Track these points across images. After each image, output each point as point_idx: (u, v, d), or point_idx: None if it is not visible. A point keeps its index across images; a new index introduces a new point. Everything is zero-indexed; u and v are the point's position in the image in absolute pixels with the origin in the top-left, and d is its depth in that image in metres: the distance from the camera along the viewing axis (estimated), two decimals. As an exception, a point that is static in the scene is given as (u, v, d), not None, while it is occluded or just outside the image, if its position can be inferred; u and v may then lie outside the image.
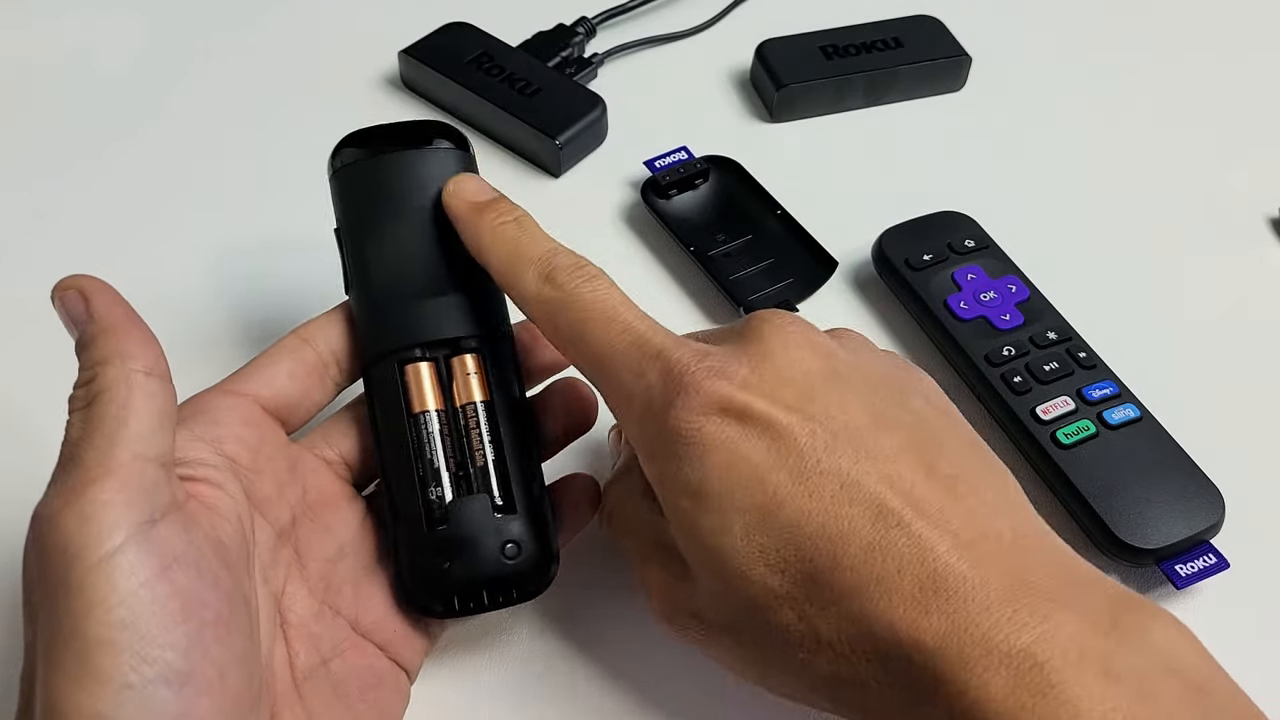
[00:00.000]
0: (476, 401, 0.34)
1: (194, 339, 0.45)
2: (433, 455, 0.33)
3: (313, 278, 0.48)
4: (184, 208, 0.51)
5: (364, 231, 0.35)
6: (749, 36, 0.57)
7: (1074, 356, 0.43)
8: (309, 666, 0.31)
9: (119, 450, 0.26)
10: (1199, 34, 0.62)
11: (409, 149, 0.36)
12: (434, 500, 0.33)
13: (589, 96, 0.54)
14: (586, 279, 0.31)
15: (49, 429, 0.28)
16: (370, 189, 0.35)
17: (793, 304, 0.47)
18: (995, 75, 0.59)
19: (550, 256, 0.32)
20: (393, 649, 0.33)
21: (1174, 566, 0.38)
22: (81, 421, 0.27)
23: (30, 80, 0.57)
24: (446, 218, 0.35)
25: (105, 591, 0.24)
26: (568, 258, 0.32)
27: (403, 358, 0.34)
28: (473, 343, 0.34)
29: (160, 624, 0.25)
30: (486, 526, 0.32)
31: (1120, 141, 0.56)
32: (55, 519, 0.25)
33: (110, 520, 0.25)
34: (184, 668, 0.25)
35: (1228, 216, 0.52)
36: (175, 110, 0.55)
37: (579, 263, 0.32)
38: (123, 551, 0.25)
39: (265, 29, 0.60)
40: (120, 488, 0.25)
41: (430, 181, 0.35)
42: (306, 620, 0.32)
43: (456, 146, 0.37)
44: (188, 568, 0.26)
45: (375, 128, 0.37)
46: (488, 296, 0.35)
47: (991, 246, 0.47)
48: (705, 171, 0.51)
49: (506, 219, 0.33)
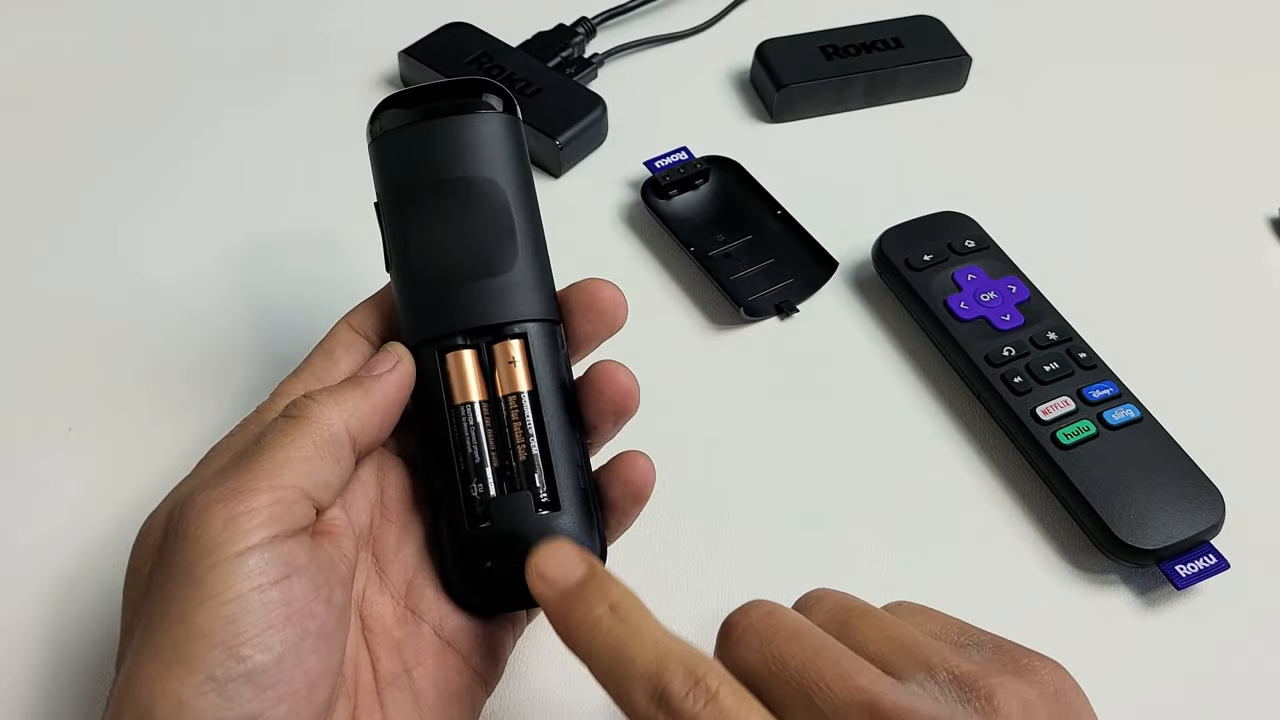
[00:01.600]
0: (521, 392, 0.32)
1: (193, 339, 0.46)
2: (474, 449, 0.32)
3: (314, 277, 0.48)
4: (183, 208, 0.51)
5: (404, 206, 0.33)
6: (749, 36, 0.57)
7: (1074, 357, 0.43)
8: (391, 674, 0.31)
9: (287, 475, 0.28)
10: (1199, 33, 0.62)
11: (454, 114, 0.33)
12: (475, 497, 0.32)
13: (589, 96, 0.54)
14: (705, 702, 0.25)
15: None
16: (411, 159, 0.33)
17: (793, 304, 0.47)
18: (995, 75, 0.59)
19: (658, 672, 0.25)
20: (474, 658, 0.32)
21: (1174, 567, 0.38)
22: (274, 431, 0.29)
23: (30, 80, 0.57)
24: (493, 191, 0.33)
25: (222, 588, 0.26)
26: (679, 672, 0.25)
27: (443, 345, 0.32)
28: (516, 328, 0.33)
29: (260, 626, 0.26)
30: (529, 525, 0.31)
31: (1120, 141, 0.56)
32: (206, 510, 0.27)
33: (250, 527, 0.27)
34: (273, 671, 0.26)
35: (1228, 216, 0.52)
36: (174, 110, 0.55)
37: (694, 677, 0.25)
38: (249, 555, 0.26)
39: (265, 29, 0.60)
40: (272, 504, 0.27)
41: (477, 150, 0.33)
42: (389, 626, 0.31)
43: (504, 110, 0.34)
44: (305, 580, 0.27)
45: (419, 88, 0.34)
46: (534, 278, 0.33)
47: (991, 247, 0.47)
48: (705, 172, 0.51)
49: (601, 611, 0.27)
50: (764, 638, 0.26)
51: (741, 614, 0.27)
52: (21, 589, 0.38)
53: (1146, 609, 0.39)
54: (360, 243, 0.49)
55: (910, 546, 0.40)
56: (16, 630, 0.37)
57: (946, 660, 0.26)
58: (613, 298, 0.34)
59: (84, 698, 0.35)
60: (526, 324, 0.33)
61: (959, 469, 0.42)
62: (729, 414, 0.44)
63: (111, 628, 0.37)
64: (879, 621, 0.28)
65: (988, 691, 0.25)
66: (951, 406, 0.44)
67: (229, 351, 0.45)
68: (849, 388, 0.45)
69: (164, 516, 0.28)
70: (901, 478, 0.42)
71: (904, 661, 0.26)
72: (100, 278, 0.48)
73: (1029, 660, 0.27)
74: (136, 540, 0.29)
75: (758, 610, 0.27)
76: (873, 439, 0.43)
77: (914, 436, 0.44)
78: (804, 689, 0.25)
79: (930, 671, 0.26)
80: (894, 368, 0.46)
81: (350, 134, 0.54)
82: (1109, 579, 0.39)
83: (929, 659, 0.26)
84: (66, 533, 0.39)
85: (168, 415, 0.43)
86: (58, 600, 0.38)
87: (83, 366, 0.44)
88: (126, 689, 0.26)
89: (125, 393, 0.44)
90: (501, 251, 0.33)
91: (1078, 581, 0.39)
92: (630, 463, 0.33)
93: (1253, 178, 0.54)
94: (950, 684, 0.26)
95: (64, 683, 0.36)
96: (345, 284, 0.48)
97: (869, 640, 0.27)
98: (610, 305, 0.33)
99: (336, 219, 0.50)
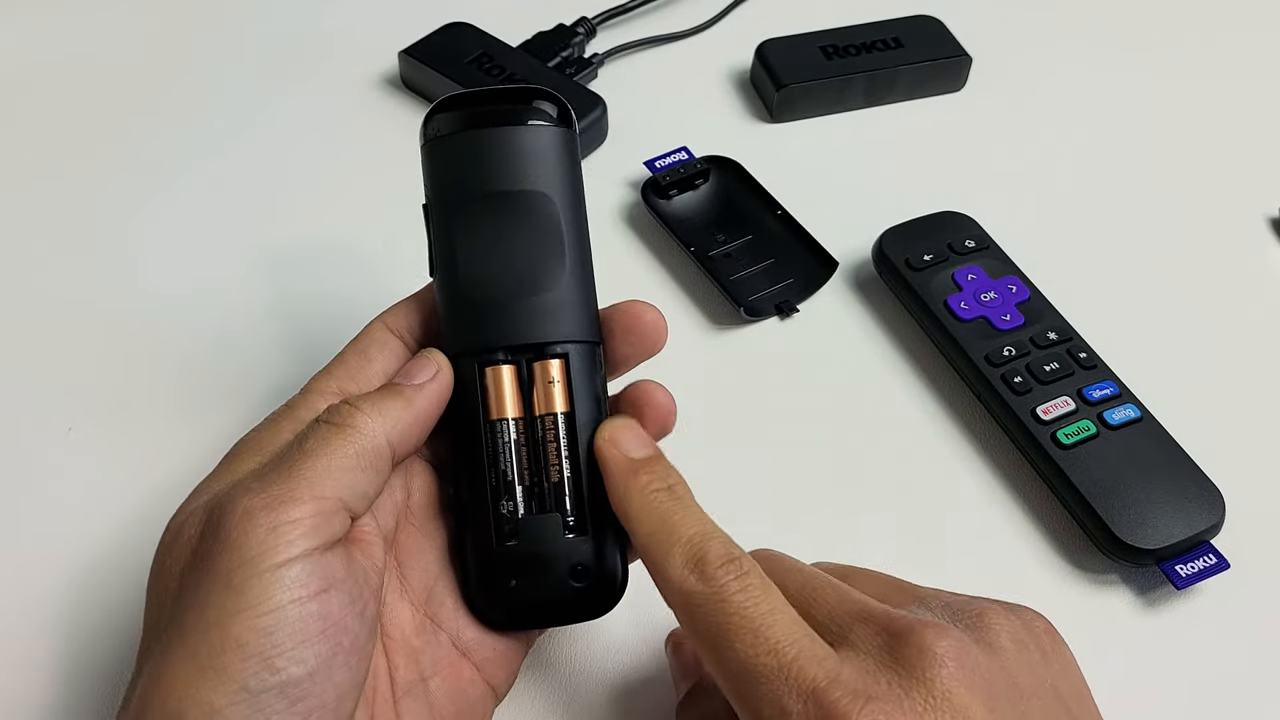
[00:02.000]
0: (557, 413, 0.32)
1: (194, 339, 0.46)
2: (507, 466, 0.32)
3: (314, 276, 0.48)
4: (183, 208, 0.51)
5: (454, 214, 0.33)
6: (749, 36, 0.57)
7: (1074, 356, 0.43)
8: (408, 682, 0.31)
9: (328, 486, 0.28)
10: (1199, 33, 0.62)
11: (512, 123, 0.33)
12: (505, 514, 0.32)
13: (589, 96, 0.54)
14: (736, 575, 0.28)
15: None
16: (465, 166, 0.33)
17: (793, 304, 0.47)
18: (995, 75, 0.59)
19: (701, 541, 0.29)
20: (488, 669, 0.32)
21: (1174, 566, 0.38)
22: (316, 438, 0.29)
23: (27, 80, 0.57)
24: (546, 207, 0.32)
25: (261, 598, 0.26)
26: (720, 546, 0.28)
27: (484, 359, 0.32)
28: (558, 348, 0.32)
29: (296, 639, 0.26)
30: (556, 547, 0.31)
31: (1120, 141, 0.56)
32: (247, 517, 0.27)
33: (293, 537, 0.27)
34: (305, 684, 0.26)
35: (1228, 216, 0.52)
36: (173, 110, 0.55)
37: (731, 554, 0.28)
38: (291, 566, 0.26)
39: (265, 29, 0.60)
40: (314, 514, 0.27)
41: (533, 164, 0.33)
42: (408, 634, 0.31)
43: (563, 123, 0.34)
44: (342, 594, 0.27)
45: (477, 93, 0.34)
46: (580, 297, 0.33)
47: (991, 246, 0.47)
48: (705, 172, 0.51)
49: (660, 486, 0.30)
50: (764, 568, 0.28)
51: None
52: (22, 588, 0.38)
53: (1146, 609, 0.39)
54: (360, 242, 0.49)
55: (910, 546, 0.40)
56: (17, 630, 0.37)
57: (939, 594, 0.29)
58: (655, 321, 0.34)
59: (84, 696, 0.35)
60: (569, 345, 0.32)
61: (959, 469, 0.42)
62: (729, 414, 0.44)
63: (113, 625, 0.37)
64: (876, 572, 0.31)
65: (979, 611, 0.28)
66: (951, 406, 0.44)
67: (229, 351, 0.45)
68: (849, 388, 0.45)
69: (200, 515, 0.28)
70: (901, 477, 0.42)
71: (897, 596, 0.29)
72: (100, 277, 0.48)
73: (1018, 605, 0.29)
74: (167, 536, 0.29)
75: (760, 551, 0.30)
76: (873, 439, 0.43)
77: (914, 436, 0.44)
78: (801, 605, 0.28)
79: (922, 601, 0.29)
80: (894, 368, 0.46)
81: (349, 134, 0.55)
82: (1109, 579, 0.39)
83: (921, 594, 0.29)
84: (66, 532, 0.39)
85: (168, 415, 0.43)
86: (58, 599, 0.38)
87: (83, 366, 0.44)
88: (154, 692, 0.26)
89: (125, 393, 0.44)
90: (549, 269, 0.32)
91: (1078, 581, 0.39)
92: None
93: (1253, 178, 0.54)
94: (942, 609, 0.28)
95: (64, 682, 0.36)
96: (345, 283, 0.48)
97: (864, 583, 0.30)
98: (651, 329, 0.33)
99: (336, 219, 0.50)
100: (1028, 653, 0.28)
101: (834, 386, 0.45)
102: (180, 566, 0.28)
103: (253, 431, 0.31)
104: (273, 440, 0.30)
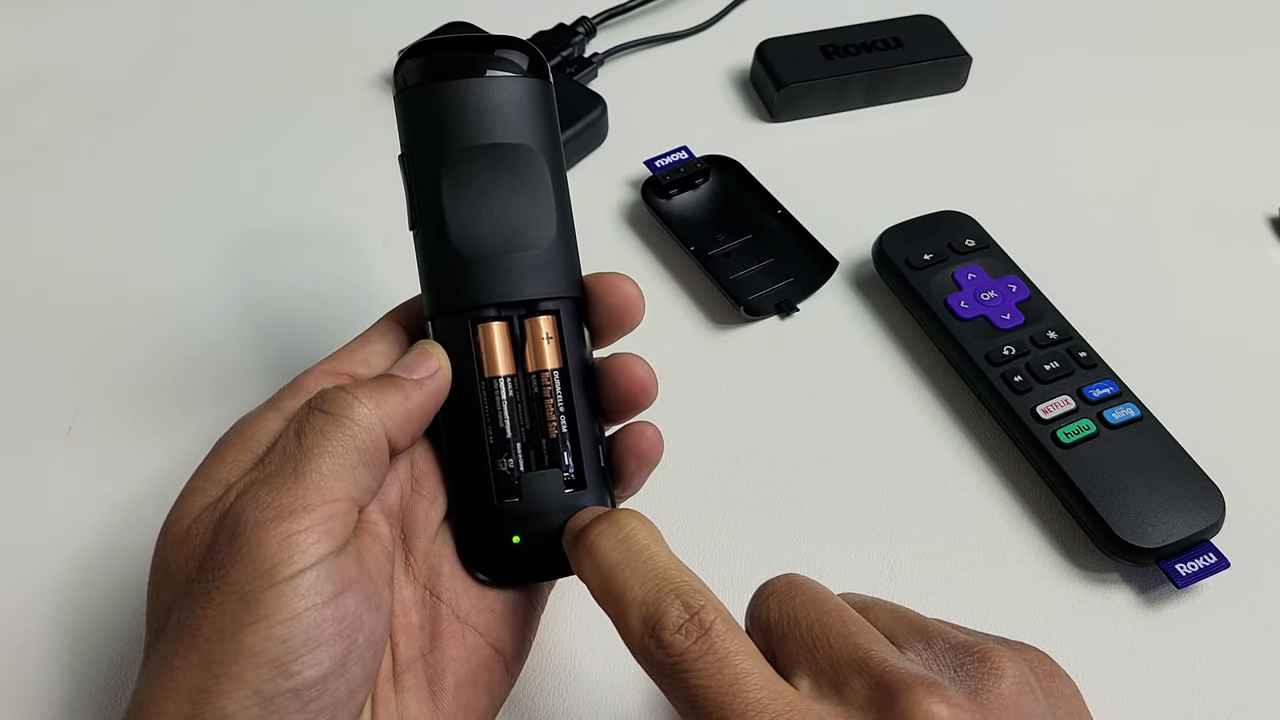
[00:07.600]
0: (551, 369, 0.32)
1: (193, 338, 0.46)
2: (505, 424, 0.32)
3: (314, 276, 0.48)
4: (183, 207, 0.51)
5: (437, 166, 0.32)
6: (749, 36, 0.57)
7: (1074, 356, 0.43)
8: (408, 659, 0.31)
9: (337, 488, 0.28)
10: (1199, 33, 0.62)
11: (494, 72, 0.32)
12: (504, 472, 0.32)
13: (589, 96, 0.54)
14: (697, 638, 0.26)
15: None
16: (446, 117, 0.32)
17: (793, 303, 0.47)
18: (995, 75, 0.59)
19: (655, 602, 0.27)
20: (491, 633, 0.32)
21: (1174, 566, 0.38)
22: (313, 431, 0.28)
23: (29, 80, 0.57)
24: (532, 161, 0.32)
25: (277, 609, 0.26)
26: (675, 605, 0.26)
27: (476, 316, 0.32)
28: (550, 304, 0.32)
29: (311, 644, 0.26)
30: (556, 502, 0.31)
31: (1120, 141, 0.56)
32: (260, 530, 0.26)
33: (307, 545, 0.27)
34: (318, 685, 0.26)
35: (1228, 216, 0.52)
36: (173, 110, 0.55)
37: (688, 610, 0.26)
38: (306, 575, 0.26)
39: (265, 29, 0.60)
40: (326, 519, 0.27)
41: (518, 115, 0.32)
42: (409, 608, 0.31)
43: (542, 75, 0.33)
44: (357, 593, 0.27)
45: (451, 39, 0.33)
46: (568, 253, 0.33)
47: (991, 246, 0.47)
48: (705, 171, 0.51)
49: (612, 537, 0.29)
50: (784, 599, 0.28)
51: (771, 580, 0.29)
52: (22, 588, 0.38)
53: (1146, 608, 0.39)
54: (360, 242, 0.49)
55: (910, 545, 0.40)
56: (17, 630, 0.37)
57: (945, 633, 0.28)
58: (630, 293, 0.33)
59: (84, 695, 0.35)
60: (559, 300, 0.32)
61: (959, 468, 0.42)
62: (729, 413, 0.44)
63: (113, 626, 0.37)
64: (891, 605, 0.29)
65: (983, 652, 0.27)
66: (952, 406, 0.44)
67: (229, 350, 0.45)
68: (849, 387, 0.45)
69: (208, 521, 0.28)
70: (902, 477, 0.42)
71: (906, 632, 0.28)
72: (100, 277, 0.48)
73: (1023, 645, 0.28)
74: (168, 537, 0.28)
75: (786, 578, 0.29)
76: (873, 438, 0.43)
77: (914, 435, 0.44)
78: (809, 645, 0.27)
79: (928, 640, 0.28)
80: (894, 367, 0.46)
81: (349, 134, 0.55)
82: (1109, 578, 0.39)
83: (928, 631, 0.28)
84: (66, 532, 0.39)
85: (167, 414, 0.43)
86: (58, 599, 0.38)
87: (83, 366, 0.44)
88: (163, 698, 0.26)
89: (125, 393, 0.44)
90: (539, 224, 0.32)
91: (1078, 580, 0.39)
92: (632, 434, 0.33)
93: (1253, 178, 0.54)
94: (947, 651, 0.27)
95: (64, 681, 0.36)
96: (345, 282, 0.48)
97: (878, 618, 0.29)
98: (622, 301, 0.33)
99: (336, 218, 0.50)
100: (1031, 696, 0.27)
101: (834, 386, 0.45)
102: (188, 572, 0.27)
103: (251, 414, 0.31)
104: (259, 431, 0.30)
